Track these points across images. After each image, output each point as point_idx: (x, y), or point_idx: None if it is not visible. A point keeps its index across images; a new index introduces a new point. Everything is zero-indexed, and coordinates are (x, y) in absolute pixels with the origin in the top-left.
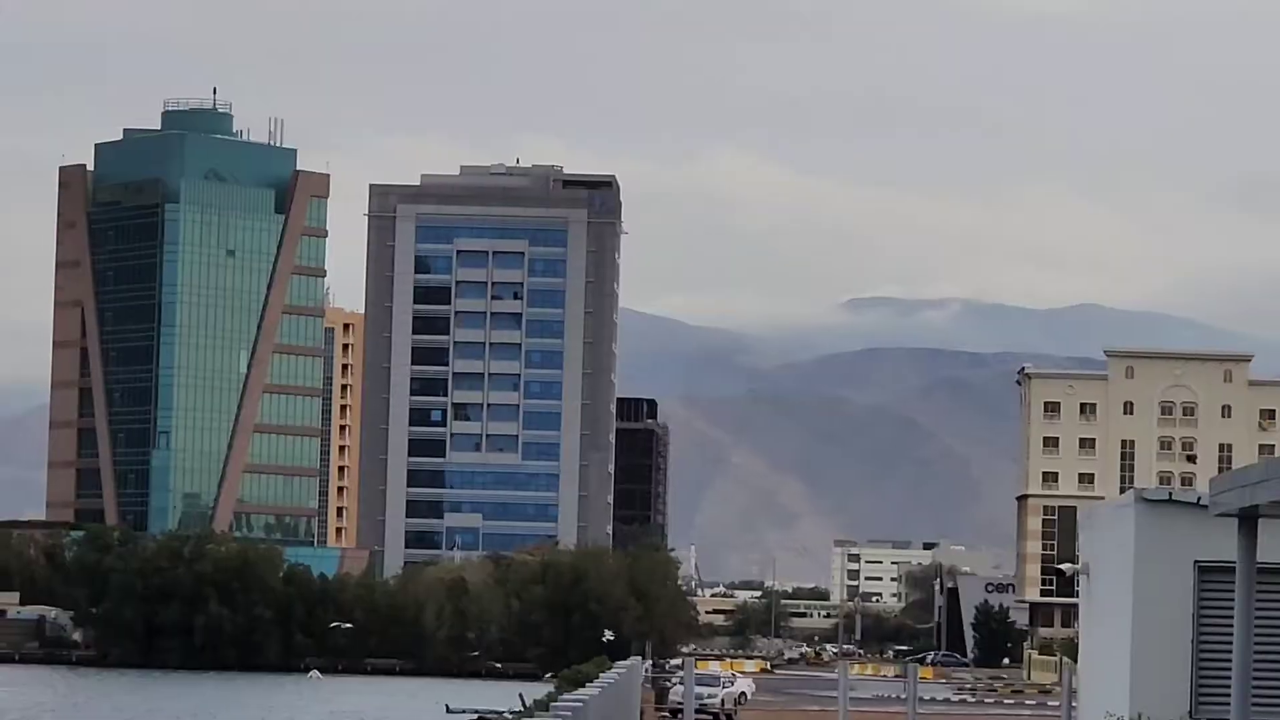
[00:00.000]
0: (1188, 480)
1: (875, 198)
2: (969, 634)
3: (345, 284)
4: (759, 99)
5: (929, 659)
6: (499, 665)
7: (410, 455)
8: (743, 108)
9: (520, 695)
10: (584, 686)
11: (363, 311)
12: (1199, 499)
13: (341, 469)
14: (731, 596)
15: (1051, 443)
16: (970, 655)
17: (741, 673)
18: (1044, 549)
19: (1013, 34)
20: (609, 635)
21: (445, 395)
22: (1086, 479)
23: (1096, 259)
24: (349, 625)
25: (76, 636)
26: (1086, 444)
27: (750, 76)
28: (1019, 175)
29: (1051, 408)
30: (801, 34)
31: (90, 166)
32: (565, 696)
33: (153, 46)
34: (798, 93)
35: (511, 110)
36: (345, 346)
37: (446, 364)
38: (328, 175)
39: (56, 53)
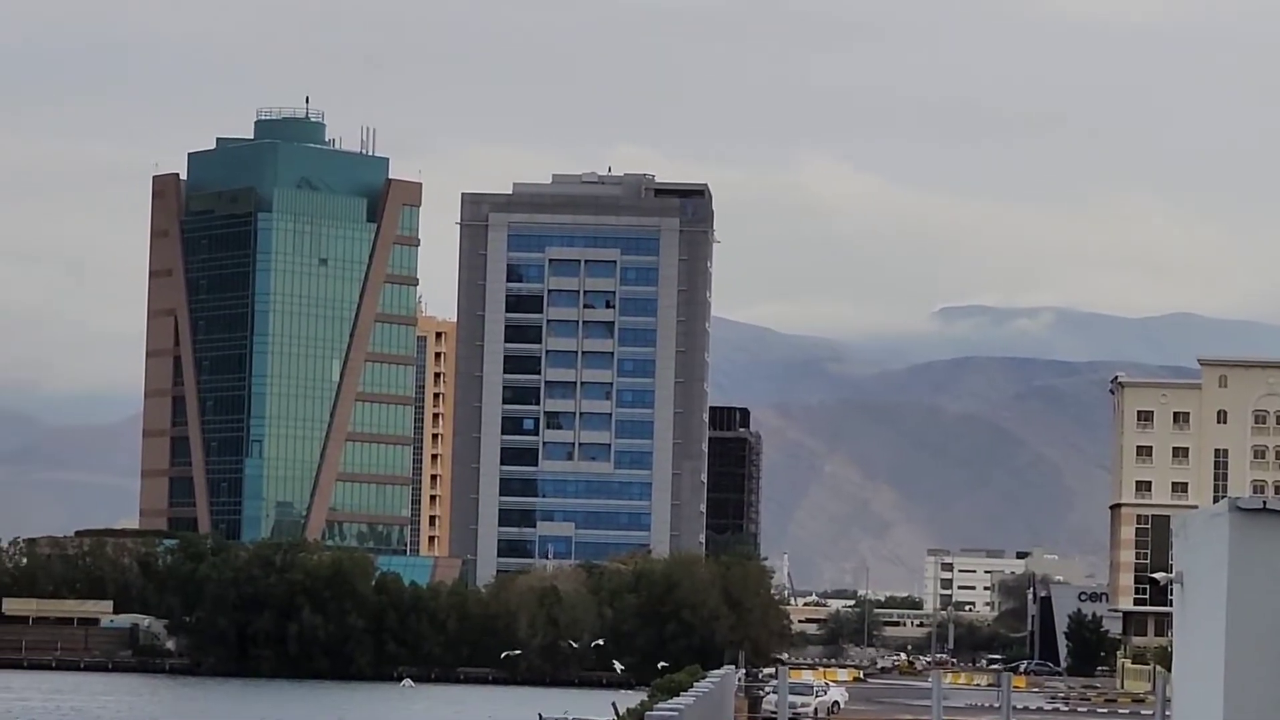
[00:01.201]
0: None
1: (969, 206)
2: (1062, 643)
3: (437, 292)
4: (852, 107)
5: (1022, 668)
6: (613, 661)
7: (502, 464)
8: (836, 115)
9: (614, 704)
10: (678, 695)
11: (455, 320)
12: None
13: (434, 477)
14: (824, 605)
15: (1145, 452)
16: (1063, 664)
17: (834, 682)
18: (1137, 558)
19: (1107, 42)
20: (619, 667)
21: (537, 404)
22: (1180, 488)
23: (1191, 267)
24: (518, 652)
25: (170, 645)
26: (1180, 453)
27: (842, 84)
28: (1114, 183)
29: (1145, 416)
30: (895, 41)
31: (183, 175)
32: (659, 705)
33: (246, 56)
34: (891, 100)
35: (604, 119)
36: (437, 355)
37: (539, 372)
38: (420, 184)
39: (150, 62)
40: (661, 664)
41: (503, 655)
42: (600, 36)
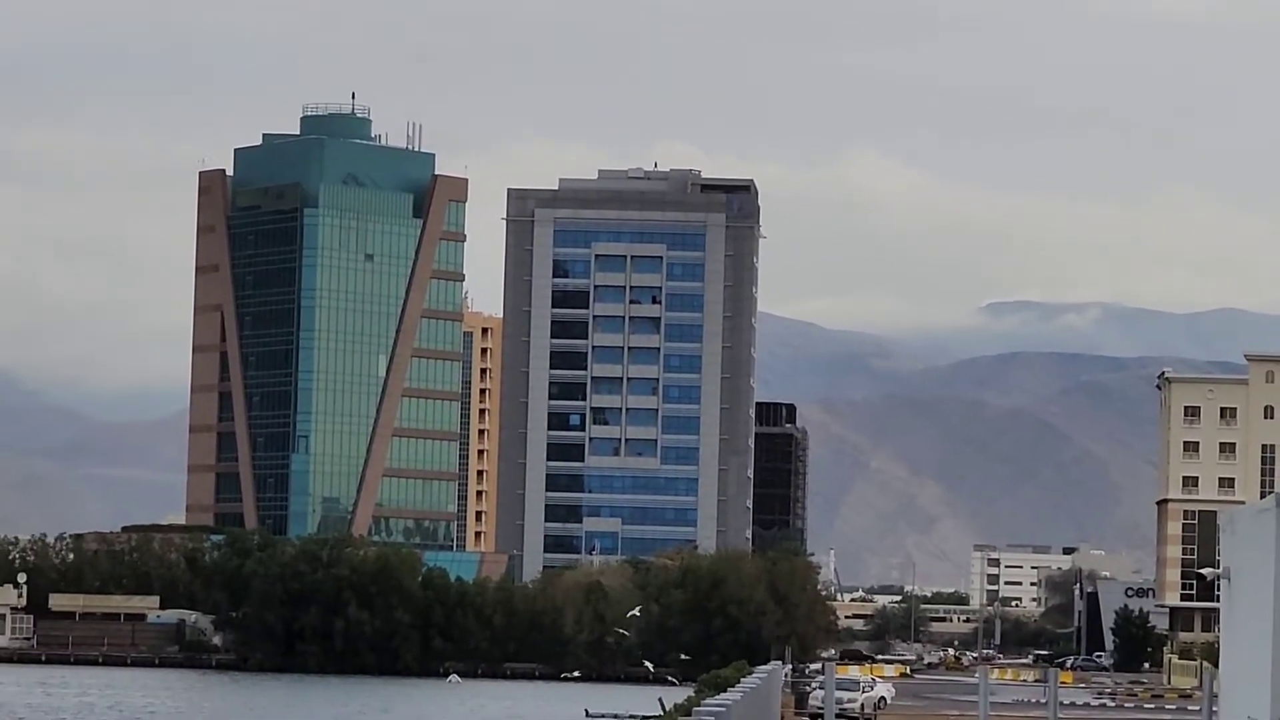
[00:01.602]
0: None
1: (1016, 201)
2: (1109, 638)
3: (483, 288)
4: (898, 101)
5: (1069, 663)
6: (645, 662)
7: (549, 459)
8: (881, 110)
9: (660, 700)
10: (725, 691)
11: (501, 315)
12: None
13: (480, 473)
14: (871, 601)
15: (1192, 447)
16: (1110, 660)
17: (881, 677)
18: (1184, 553)
19: (1155, 37)
20: (671, 679)
21: (584, 399)
22: (1227, 483)
23: (1238, 263)
24: (576, 674)
25: (216, 640)
26: (1227, 448)
27: (888, 78)
28: (1161, 179)
29: (1192, 412)
30: (942, 37)
31: (230, 171)
32: (707, 701)
33: (292, 51)
34: (938, 95)
35: (649, 114)
36: (484, 350)
37: (585, 368)
38: (466, 179)
39: (197, 58)
40: (683, 655)
41: (561, 676)
42: (645, 33)
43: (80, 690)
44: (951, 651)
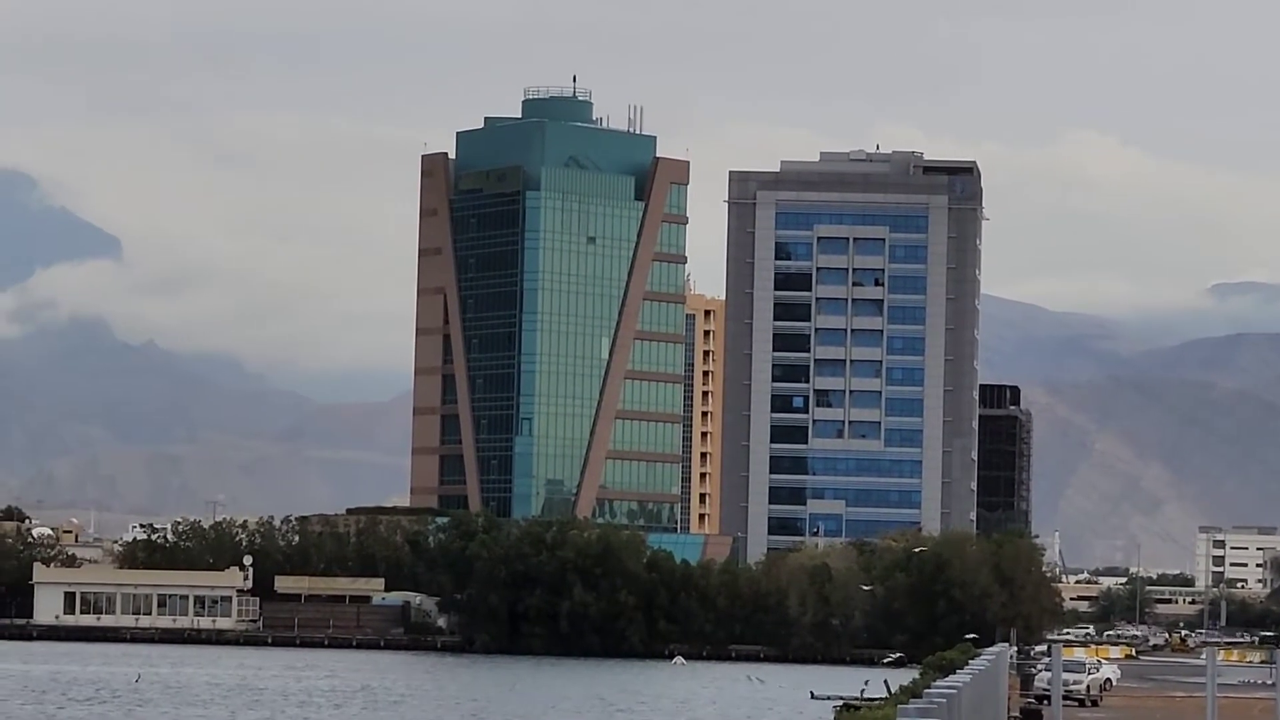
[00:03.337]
0: None
1: (1242, 182)
2: None
3: (705, 270)
4: (1121, 81)
5: None
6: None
7: (772, 441)
8: (1104, 91)
9: (885, 682)
10: (952, 674)
11: (723, 298)
12: None
13: (704, 455)
14: (1095, 583)
15: None
16: None
17: (1106, 659)
18: None
19: None
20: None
21: (807, 381)
22: None
23: None
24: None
25: (441, 623)
26: None
27: (1110, 58)
28: None
29: None
30: (1164, 15)
31: (452, 154)
32: (936, 684)
33: (514, 35)
34: (1161, 74)
35: (870, 96)
36: (706, 333)
37: (808, 350)
38: (687, 162)
39: (420, 42)
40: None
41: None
42: (864, 15)
43: (329, 673)
44: (1180, 631)
